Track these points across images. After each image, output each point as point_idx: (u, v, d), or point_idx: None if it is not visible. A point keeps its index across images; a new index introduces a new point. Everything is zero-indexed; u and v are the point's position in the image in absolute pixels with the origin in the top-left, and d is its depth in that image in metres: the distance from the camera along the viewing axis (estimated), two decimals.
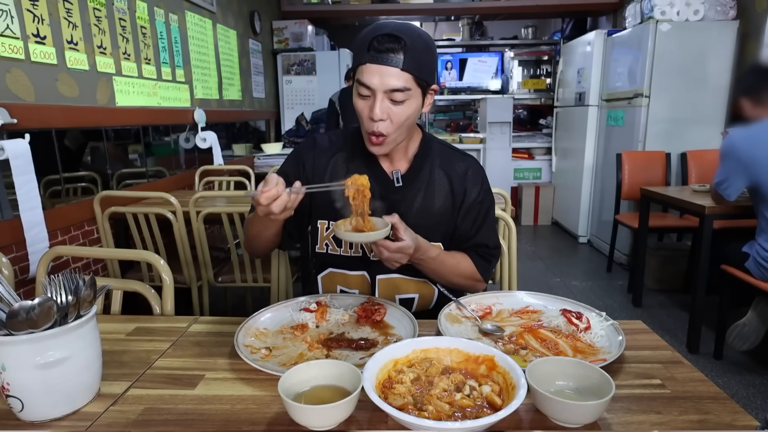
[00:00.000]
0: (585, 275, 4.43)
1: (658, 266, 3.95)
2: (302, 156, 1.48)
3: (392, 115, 1.26)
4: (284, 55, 5.99)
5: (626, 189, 4.17)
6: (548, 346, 1.12)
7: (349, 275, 1.48)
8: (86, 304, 0.91)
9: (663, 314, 3.54)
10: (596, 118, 5.13)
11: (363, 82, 1.24)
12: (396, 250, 1.22)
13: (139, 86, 3.17)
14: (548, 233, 5.96)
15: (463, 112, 7.68)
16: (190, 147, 3.95)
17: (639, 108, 4.28)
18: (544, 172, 6.46)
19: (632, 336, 1.16)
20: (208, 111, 4.09)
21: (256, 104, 5.53)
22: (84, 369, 0.90)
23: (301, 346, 1.14)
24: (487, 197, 1.46)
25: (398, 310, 1.27)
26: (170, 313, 1.39)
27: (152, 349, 1.14)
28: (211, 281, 2.74)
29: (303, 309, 1.28)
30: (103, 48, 2.80)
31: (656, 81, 4.19)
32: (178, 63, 3.69)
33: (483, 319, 1.26)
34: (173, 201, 2.54)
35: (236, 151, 4.99)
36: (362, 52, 1.23)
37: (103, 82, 2.82)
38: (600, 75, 5.05)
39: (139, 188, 3.24)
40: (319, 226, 1.48)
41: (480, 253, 1.46)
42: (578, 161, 5.39)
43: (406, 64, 1.21)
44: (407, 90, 1.23)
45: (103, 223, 2.63)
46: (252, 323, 1.21)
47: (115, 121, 2.96)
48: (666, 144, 4.25)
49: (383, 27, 1.22)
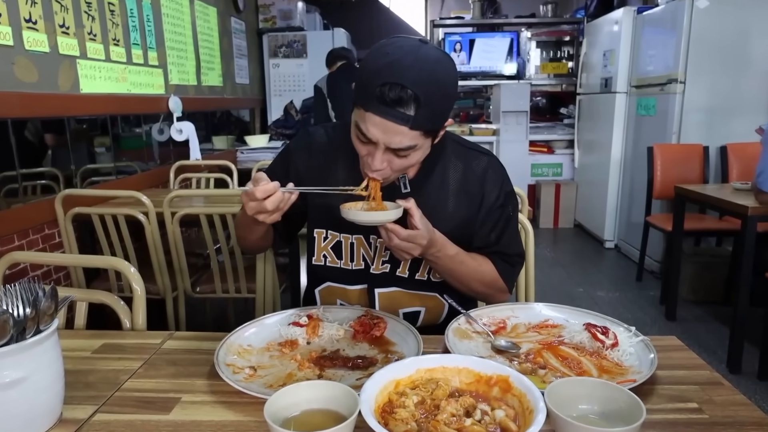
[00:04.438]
0: (612, 285, 4.43)
1: (695, 274, 3.95)
2: (293, 157, 1.48)
3: (394, 164, 1.26)
4: (271, 36, 6.01)
5: (658, 187, 4.17)
6: (570, 365, 1.12)
7: (350, 290, 1.49)
8: (46, 317, 0.91)
9: (700, 329, 3.53)
10: (624, 107, 5.13)
11: (363, 132, 1.21)
12: (407, 238, 1.22)
13: (106, 71, 3.18)
14: (570, 237, 5.96)
15: (474, 100, 7.69)
16: (164, 139, 3.96)
17: (673, 95, 4.28)
18: (565, 168, 6.46)
19: (665, 354, 1.16)
20: (185, 99, 4.10)
21: (239, 91, 5.54)
22: (44, 391, 0.90)
23: (290, 365, 1.14)
24: (509, 200, 1.47)
25: (400, 324, 1.27)
26: (142, 328, 1.39)
27: (121, 369, 1.14)
28: (188, 291, 2.74)
29: (292, 323, 1.28)
30: (65, 27, 2.81)
31: (693, 64, 4.19)
32: (150, 44, 3.70)
33: (496, 334, 1.26)
34: (145, 201, 2.54)
35: (216, 144, 4.99)
36: (367, 94, 1.18)
37: (65, 65, 2.82)
38: (629, 58, 5.06)
39: (106, 186, 3.24)
40: (316, 236, 1.48)
41: (503, 258, 1.47)
42: (604, 156, 5.39)
43: (416, 122, 1.17)
44: (413, 146, 1.22)
45: (65, 226, 2.63)
46: (234, 339, 1.21)
47: (80, 110, 2.97)
48: (703, 136, 4.25)
49: (396, 70, 1.15)
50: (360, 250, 1.46)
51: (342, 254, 1.47)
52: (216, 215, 2.57)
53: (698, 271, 3.94)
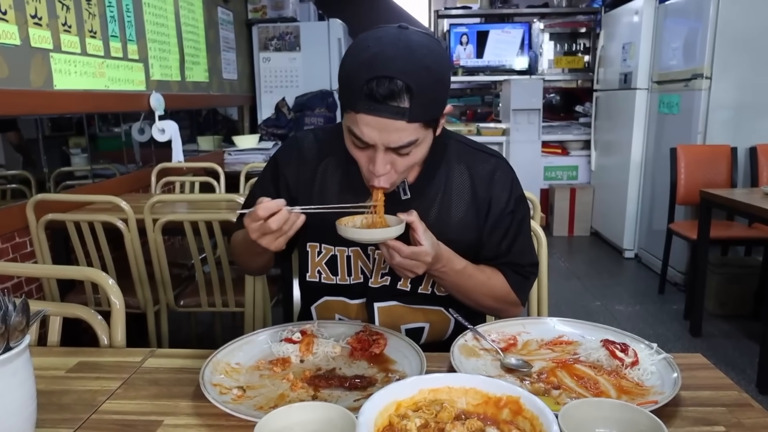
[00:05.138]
0: (631, 298, 4.43)
1: (722, 286, 3.95)
2: (281, 168, 1.47)
3: (397, 165, 1.26)
4: (261, 27, 6.02)
5: (682, 192, 4.18)
6: (586, 385, 1.12)
7: (350, 304, 1.49)
8: (17, 333, 0.91)
9: (728, 346, 3.54)
10: (645, 105, 5.15)
11: (358, 136, 1.21)
12: (410, 256, 1.21)
13: (82, 65, 3.19)
14: (586, 246, 5.96)
15: (482, 96, 7.71)
16: (145, 140, 3.97)
17: (698, 92, 4.29)
18: (581, 171, 6.48)
19: (690, 372, 1.16)
20: (167, 95, 4.11)
21: (227, 87, 5.55)
22: (14, 414, 0.90)
23: (281, 385, 1.14)
24: (519, 206, 1.46)
25: (402, 340, 1.27)
26: (121, 345, 1.39)
27: (99, 389, 1.14)
28: (172, 305, 2.74)
29: (284, 339, 1.28)
30: (38, 18, 2.82)
31: (719, 58, 4.20)
32: (130, 36, 3.71)
33: (506, 351, 1.26)
34: (124, 206, 2.54)
35: (202, 145, 5.00)
36: (354, 93, 1.17)
37: (38, 59, 2.83)
38: (650, 51, 5.07)
39: (82, 191, 3.24)
40: (309, 250, 1.48)
41: (515, 270, 1.46)
42: (623, 157, 5.40)
43: (413, 114, 1.17)
44: (414, 141, 1.22)
45: (38, 234, 2.63)
46: (222, 357, 1.21)
47: (53, 107, 2.98)
48: (731, 136, 4.26)
49: (380, 63, 1.15)
50: (357, 263, 1.46)
51: (338, 269, 1.47)
52: (201, 222, 2.58)
53: (725, 283, 3.94)
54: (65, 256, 2.85)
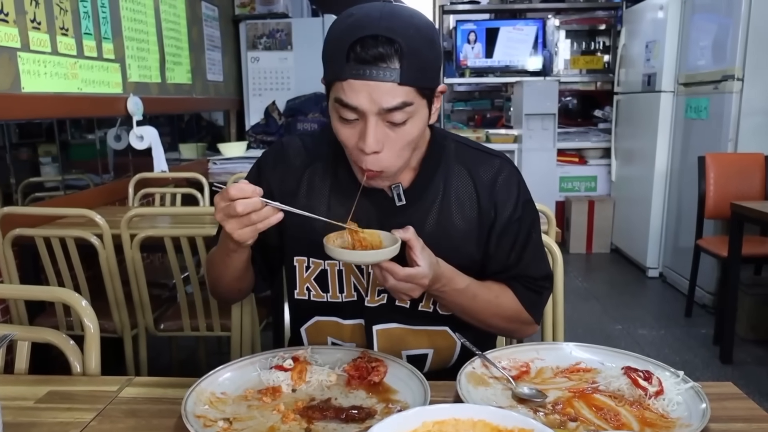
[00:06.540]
0: (656, 321, 4.43)
1: (755, 309, 3.95)
2: (264, 173, 1.48)
3: (390, 143, 1.24)
4: (249, 24, 6.05)
5: (711, 204, 4.18)
6: (606, 417, 1.12)
7: (344, 325, 1.48)
8: None
9: (761, 373, 3.54)
10: (671, 109, 5.17)
11: (346, 103, 1.20)
12: (405, 278, 1.20)
13: (52, 65, 3.20)
14: (606, 264, 5.96)
15: (492, 100, 7.73)
16: (121, 148, 3.97)
17: (729, 95, 4.31)
18: (600, 182, 6.49)
19: (720, 403, 1.16)
20: (146, 99, 4.12)
21: (212, 90, 5.57)
22: None
23: (272, 416, 1.14)
24: (527, 211, 1.45)
25: (403, 368, 1.27)
26: (95, 373, 1.39)
27: (71, 421, 1.14)
28: (151, 329, 2.74)
29: (275, 366, 1.28)
30: (4, 14, 2.83)
31: (752, 58, 4.22)
32: (105, 34, 3.73)
33: (518, 380, 1.26)
34: (99, 221, 2.54)
35: (184, 153, 5.01)
36: (339, 61, 1.18)
37: (4, 60, 2.84)
38: (676, 50, 5.10)
39: (53, 203, 3.25)
40: (297, 265, 1.47)
41: (526, 285, 1.46)
42: (647, 167, 5.41)
43: (405, 76, 1.17)
44: (408, 106, 1.20)
45: (3, 251, 2.63)
46: (206, 386, 1.21)
47: (21, 112, 2.98)
48: (765, 143, 4.28)
49: (365, 24, 1.17)
50: (350, 278, 1.45)
51: (328, 286, 1.46)
52: (184, 238, 2.58)
53: (759, 305, 3.94)
54: (34, 275, 2.85)
